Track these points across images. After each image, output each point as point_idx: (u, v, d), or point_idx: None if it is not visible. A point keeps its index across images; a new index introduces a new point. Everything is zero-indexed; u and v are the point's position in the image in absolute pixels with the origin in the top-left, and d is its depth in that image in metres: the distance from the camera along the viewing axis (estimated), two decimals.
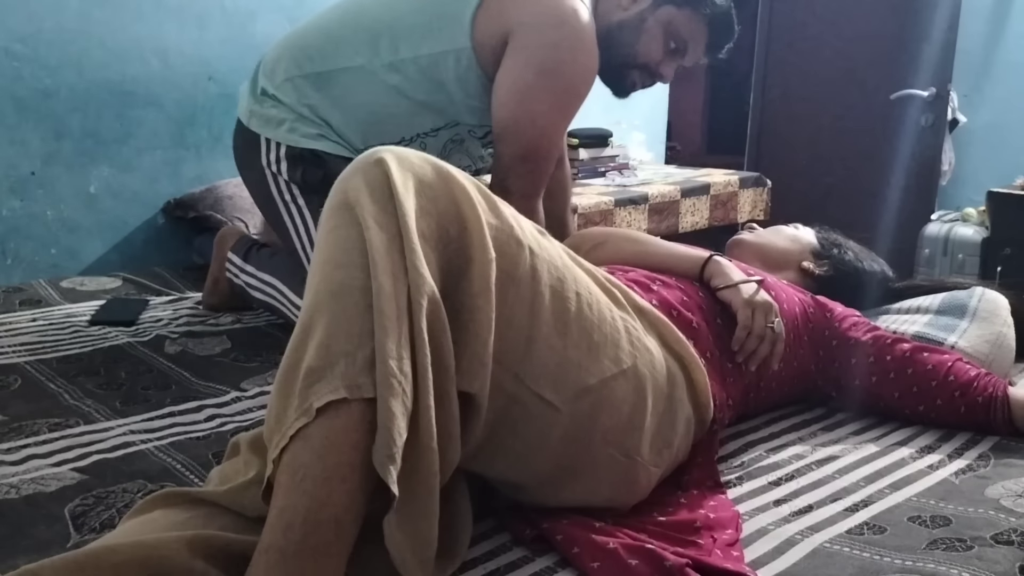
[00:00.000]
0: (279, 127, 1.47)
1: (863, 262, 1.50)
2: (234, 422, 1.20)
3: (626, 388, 0.91)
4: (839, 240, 1.52)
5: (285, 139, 1.46)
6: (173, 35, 2.14)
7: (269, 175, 1.49)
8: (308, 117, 1.47)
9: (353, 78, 1.44)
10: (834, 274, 1.46)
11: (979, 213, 3.01)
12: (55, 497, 0.95)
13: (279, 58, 1.50)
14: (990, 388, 1.20)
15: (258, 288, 1.61)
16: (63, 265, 2.05)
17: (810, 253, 1.49)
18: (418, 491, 0.71)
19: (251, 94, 1.52)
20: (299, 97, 1.46)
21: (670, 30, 1.50)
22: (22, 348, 1.46)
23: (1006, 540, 0.89)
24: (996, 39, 3.45)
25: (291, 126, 1.46)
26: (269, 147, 1.48)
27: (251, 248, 1.66)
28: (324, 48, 1.46)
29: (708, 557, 0.84)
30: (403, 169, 0.77)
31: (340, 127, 1.47)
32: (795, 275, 1.45)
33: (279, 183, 1.49)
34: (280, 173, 1.48)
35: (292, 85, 1.47)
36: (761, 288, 1.19)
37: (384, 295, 0.71)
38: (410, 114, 1.46)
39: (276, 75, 1.48)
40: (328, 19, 1.52)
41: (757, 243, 1.49)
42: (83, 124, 2.04)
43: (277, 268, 1.59)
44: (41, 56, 1.96)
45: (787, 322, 1.23)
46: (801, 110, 3.71)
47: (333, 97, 1.46)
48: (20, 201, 1.98)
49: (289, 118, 1.47)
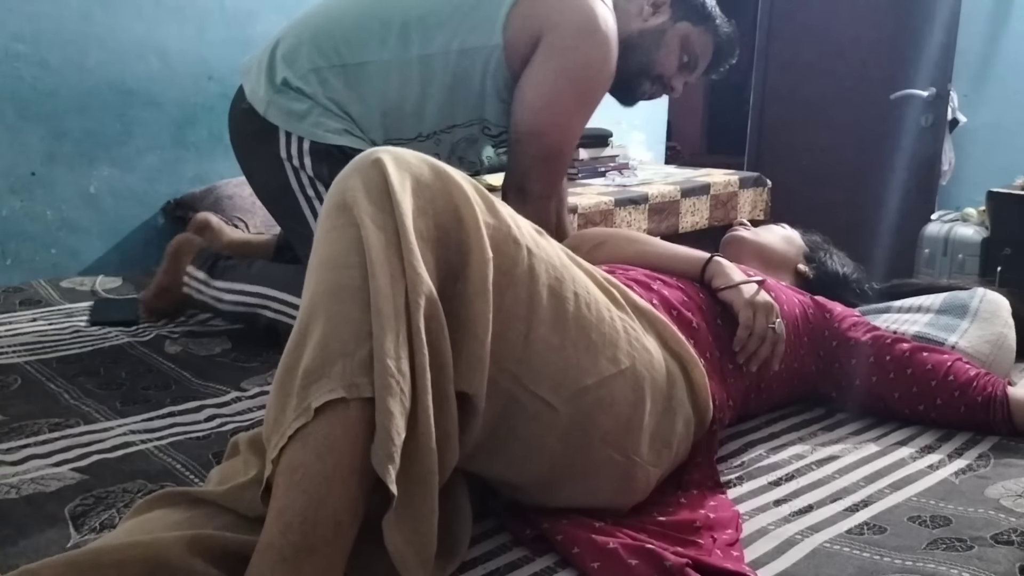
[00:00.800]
0: (302, 120, 1.42)
1: (845, 267, 1.53)
2: (234, 422, 1.20)
3: (625, 388, 0.91)
4: (823, 244, 1.55)
5: (310, 134, 1.42)
6: (173, 35, 2.14)
7: (290, 168, 1.44)
8: (333, 111, 1.43)
9: (381, 71, 1.42)
10: (821, 277, 1.48)
11: (979, 213, 3.01)
12: (55, 497, 0.95)
13: (299, 45, 1.44)
14: (989, 388, 1.20)
15: (235, 302, 1.54)
16: (63, 265, 2.05)
17: (803, 256, 1.51)
18: (417, 491, 0.71)
19: (268, 82, 1.45)
20: (324, 89, 1.42)
21: (686, 45, 1.55)
22: (22, 348, 1.47)
23: (1006, 540, 0.89)
24: (996, 39, 3.45)
25: (316, 120, 1.42)
26: (290, 140, 1.43)
27: (216, 263, 1.59)
28: (351, 39, 1.43)
29: (708, 557, 0.84)
30: (400, 169, 0.77)
31: (361, 121, 1.44)
32: (791, 277, 1.47)
33: (301, 178, 1.44)
34: (303, 168, 1.43)
35: (317, 76, 1.42)
36: (762, 289, 1.19)
37: (382, 295, 0.71)
38: (434, 109, 1.45)
39: (298, 64, 1.43)
40: (353, 9, 1.47)
41: (757, 242, 1.50)
42: (83, 124, 2.04)
43: (265, 277, 1.53)
44: (41, 56, 1.96)
45: (787, 323, 1.23)
46: (801, 110, 3.71)
47: (359, 90, 1.43)
48: (20, 201, 1.98)
49: (314, 112, 1.42)
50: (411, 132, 1.46)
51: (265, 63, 1.47)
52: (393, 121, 1.45)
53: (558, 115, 1.40)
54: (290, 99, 1.43)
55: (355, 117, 1.44)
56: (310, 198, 1.45)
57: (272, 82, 1.44)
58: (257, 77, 1.47)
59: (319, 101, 1.42)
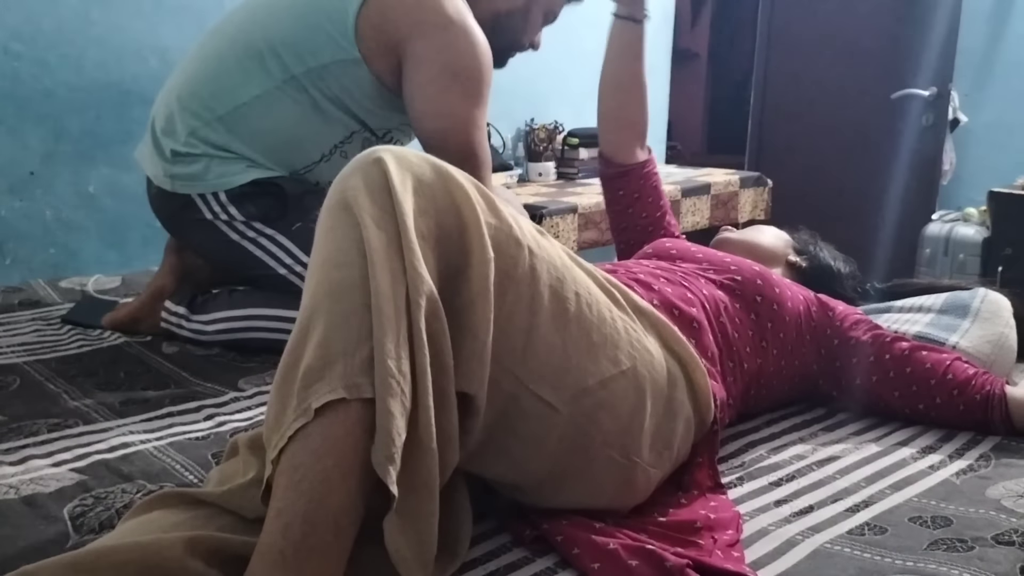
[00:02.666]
0: (205, 177, 1.43)
1: (836, 259, 1.53)
2: (233, 422, 1.19)
3: (626, 389, 0.91)
4: (811, 238, 1.56)
5: (218, 185, 1.43)
6: (172, 34, 2.14)
7: (221, 224, 1.45)
8: (226, 157, 1.43)
9: (256, 108, 1.42)
10: (814, 268, 1.49)
11: (980, 213, 3.01)
12: (54, 497, 0.94)
13: (171, 116, 1.45)
14: (988, 386, 1.20)
15: (219, 330, 1.51)
16: (62, 265, 2.05)
17: (792, 249, 1.53)
18: (418, 491, 0.70)
19: (161, 159, 1.46)
20: (209, 145, 1.43)
21: (548, 10, 1.58)
22: (21, 348, 1.46)
23: (1007, 541, 0.89)
24: (997, 38, 3.45)
25: (217, 171, 1.43)
26: (206, 201, 1.44)
27: (194, 298, 1.55)
28: (216, 91, 1.43)
29: (708, 558, 0.83)
30: (401, 168, 0.77)
31: (262, 159, 1.44)
32: (783, 270, 1.47)
33: (236, 226, 1.45)
34: (232, 218, 1.44)
35: (197, 136, 1.43)
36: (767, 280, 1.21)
37: (383, 295, 0.71)
38: (320, 127, 1.45)
39: (177, 133, 1.44)
40: (204, 58, 1.47)
41: (745, 240, 1.51)
42: (82, 124, 2.04)
43: (249, 300, 1.51)
44: (40, 55, 1.95)
45: (790, 319, 1.24)
46: (802, 110, 3.71)
47: (243, 134, 1.43)
48: (19, 201, 1.98)
49: (212, 166, 1.43)
50: (314, 155, 1.47)
51: (151, 143, 1.49)
52: (292, 150, 1.46)
53: (455, 114, 1.39)
54: (185, 165, 1.44)
55: (249, 157, 1.44)
56: (253, 239, 1.45)
57: (164, 158, 1.46)
58: (152, 159, 1.49)
59: (211, 155, 1.43)
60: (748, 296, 1.22)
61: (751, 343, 1.20)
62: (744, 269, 1.25)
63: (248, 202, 1.44)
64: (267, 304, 1.49)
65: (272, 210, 1.44)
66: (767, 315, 1.22)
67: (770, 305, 1.22)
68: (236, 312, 1.51)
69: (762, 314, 1.22)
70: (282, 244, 1.45)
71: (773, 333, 1.22)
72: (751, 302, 1.21)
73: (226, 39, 1.47)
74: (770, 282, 1.24)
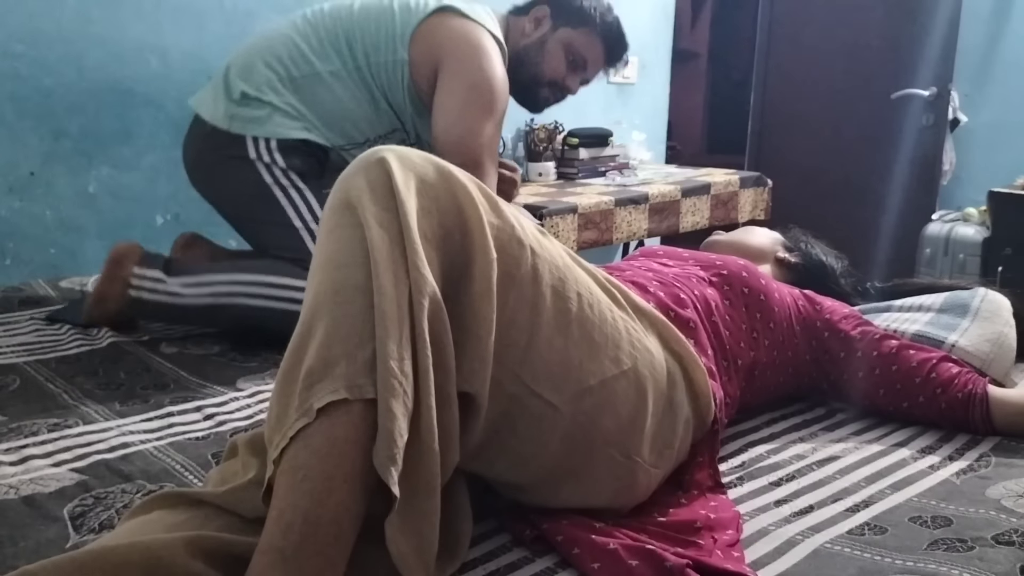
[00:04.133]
0: (265, 124, 1.59)
1: (827, 255, 1.55)
2: (233, 421, 1.19)
3: (627, 389, 0.91)
4: (802, 235, 1.58)
5: (275, 134, 1.58)
6: (172, 35, 2.14)
7: (261, 166, 1.58)
8: (291, 113, 1.60)
9: (327, 80, 1.62)
10: (806, 264, 1.51)
11: (980, 213, 3.01)
12: (54, 497, 0.95)
13: (252, 63, 1.62)
14: (970, 385, 1.20)
15: (199, 295, 1.49)
16: (62, 265, 2.05)
17: (781, 246, 1.55)
18: (419, 492, 0.70)
19: (227, 99, 1.61)
20: (279, 97, 1.60)
21: (570, 48, 1.80)
22: (21, 348, 1.46)
23: (1007, 541, 0.89)
24: (997, 38, 3.45)
25: (278, 121, 1.59)
26: (258, 144, 1.58)
27: (169, 261, 1.54)
28: (295, 55, 1.62)
29: (709, 558, 0.83)
30: (405, 168, 0.77)
31: (319, 125, 1.62)
32: (772, 268, 1.49)
33: (274, 172, 1.58)
34: (275, 163, 1.58)
35: (271, 87, 1.60)
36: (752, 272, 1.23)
37: (385, 295, 0.71)
38: (371, 113, 1.65)
39: (254, 78, 1.61)
40: (292, 29, 1.66)
41: (733, 241, 1.54)
42: (82, 124, 2.04)
43: (237, 266, 1.52)
44: (40, 55, 1.95)
45: (779, 310, 1.25)
46: (802, 110, 3.71)
47: (308, 99, 1.61)
48: (19, 201, 1.98)
49: (275, 115, 1.59)
50: (359, 137, 1.67)
51: (220, 84, 1.64)
52: (346, 124, 1.65)
53: (468, 122, 1.58)
54: (251, 108, 1.60)
55: (309, 119, 1.62)
56: (285, 187, 1.58)
57: (231, 98, 1.61)
58: (214, 100, 1.63)
59: (277, 106, 1.60)
60: (736, 289, 1.23)
61: (744, 337, 1.21)
62: (729, 263, 1.26)
63: (294, 155, 1.60)
64: (253, 270, 1.52)
65: (312, 169, 1.63)
66: (756, 307, 1.23)
67: (757, 296, 1.24)
68: (221, 277, 1.51)
69: (751, 306, 1.23)
70: (307, 199, 1.58)
71: (763, 324, 1.23)
72: (739, 294, 1.23)
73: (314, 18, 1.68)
74: (755, 274, 1.26)
